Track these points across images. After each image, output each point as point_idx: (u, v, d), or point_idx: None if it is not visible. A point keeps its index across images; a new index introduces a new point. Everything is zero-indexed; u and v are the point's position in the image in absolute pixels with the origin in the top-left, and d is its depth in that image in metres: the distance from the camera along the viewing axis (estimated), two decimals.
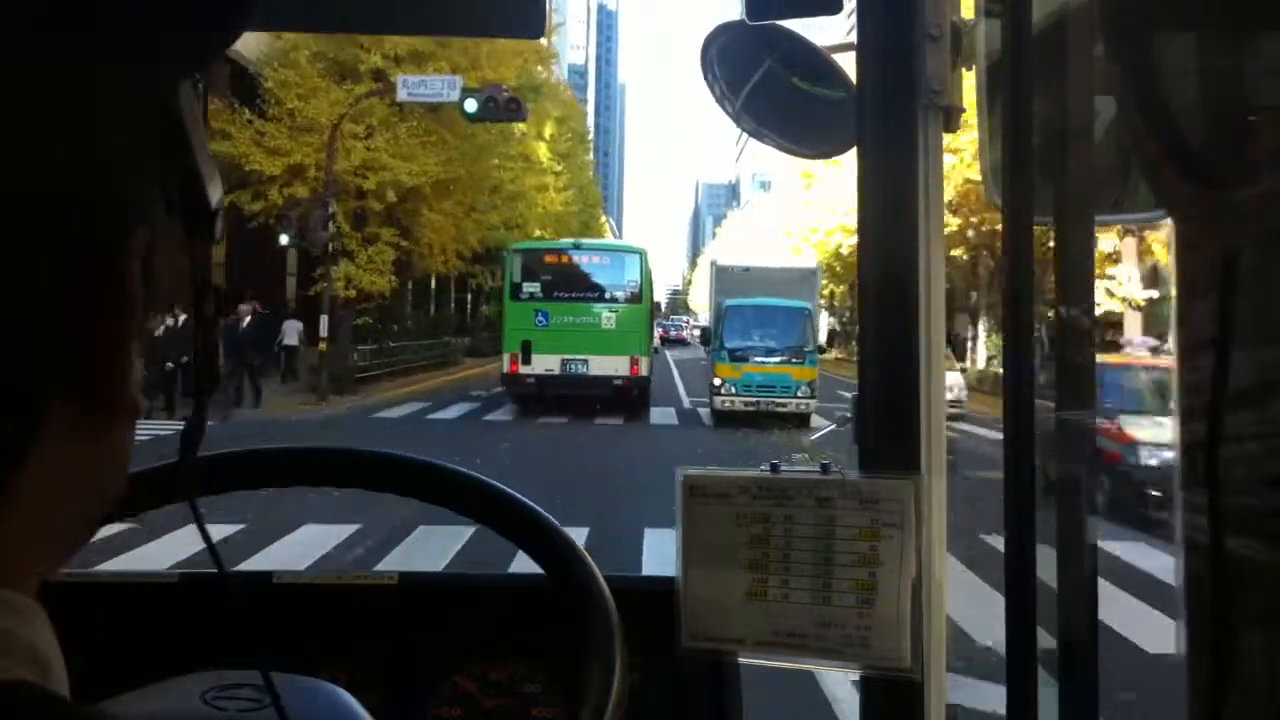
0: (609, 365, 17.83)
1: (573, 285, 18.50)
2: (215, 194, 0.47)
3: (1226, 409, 0.51)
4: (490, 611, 1.06)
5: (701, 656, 0.97)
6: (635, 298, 18.57)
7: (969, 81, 0.95)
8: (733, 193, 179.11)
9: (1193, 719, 0.55)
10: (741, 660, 0.98)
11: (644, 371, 18.21)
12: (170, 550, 6.29)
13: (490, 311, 37.11)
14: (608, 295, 18.50)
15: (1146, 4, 0.47)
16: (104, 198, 0.37)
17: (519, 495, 0.79)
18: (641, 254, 19.53)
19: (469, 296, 40.20)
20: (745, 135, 1.22)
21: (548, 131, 39.40)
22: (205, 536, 0.65)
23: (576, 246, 19.87)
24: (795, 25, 1.05)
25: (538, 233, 35.27)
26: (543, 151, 38.04)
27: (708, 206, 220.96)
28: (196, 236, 0.46)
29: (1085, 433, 1.00)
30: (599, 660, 0.67)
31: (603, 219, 63.11)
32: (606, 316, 18.29)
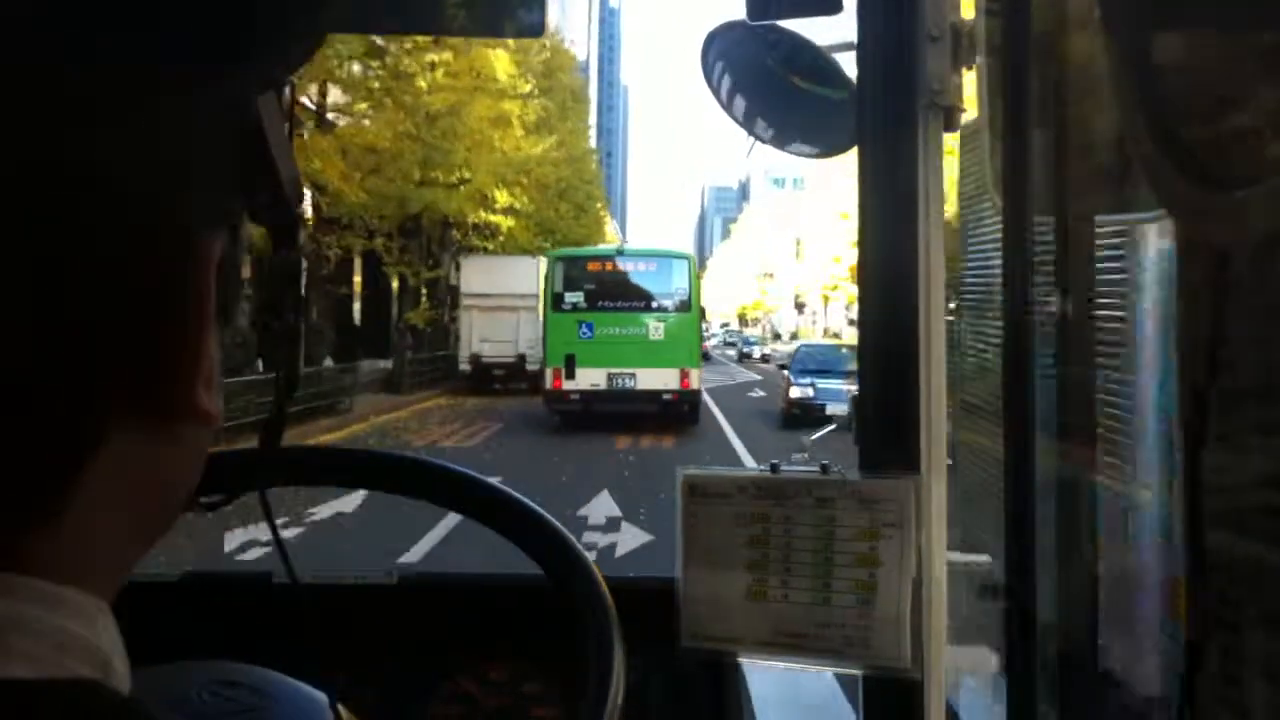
0: (658, 379, 16.61)
1: (618, 294, 17.29)
2: (297, 203, 0.47)
3: (1226, 409, 0.51)
4: (490, 611, 1.06)
5: (701, 656, 0.97)
6: (684, 306, 17.28)
7: (969, 81, 0.95)
8: (743, 192, 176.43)
9: (1194, 718, 0.55)
10: (741, 660, 0.98)
11: (695, 385, 16.95)
12: None
13: (419, 318, 24.83)
14: (655, 304, 17.27)
15: (1146, 4, 0.47)
16: (172, 203, 0.37)
17: (519, 495, 0.79)
18: (690, 259, 18.45)
19: (402, 293, 25.61)
20: None
21: None
22: (273, 528, 0.65)
23: (620, 253, 18.73)
24: (795, 25, 1.05)
25: (499, 194, 23.69)
26: (501, 64, 22.34)
27: (715, 209, 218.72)
28: (278, 245, 0.47)
29: (1085, 435, 1.00)
30: (598, 660, 0.67)
31: (601, 206, 48.24)
32: (654, 327, 17.09)
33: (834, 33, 1.03)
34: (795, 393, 17.97)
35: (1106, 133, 0.84)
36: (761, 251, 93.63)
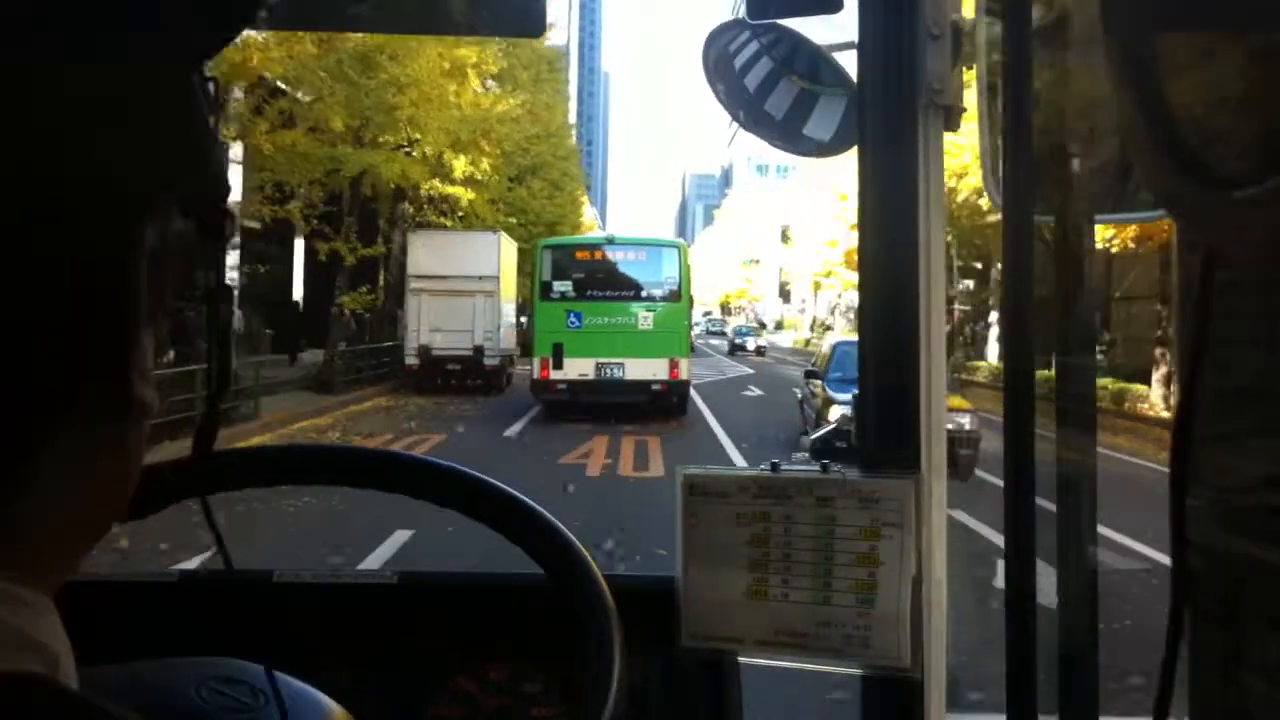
0: (647, 369, 16.29)
1: (607, 283, 17.02)
2: (225, 192, 0.47)
3: (1226, 409, 0.51)
4: (490, 611, 1.06)
5: (701, 656, 0.97)
6: (674, 295, 16.98)
7: (969, 81, 0.95)
8: (726, 179, 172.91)
9: (1194, 718, 0.55)
10: (741, 660, 0.98)
11: (684, 375, 16.62)
12: None
13: (357, 303, 20.42)
14: (645, 293, 16.98)
15: (1146, 4, 0.47)
16: (108, 197, 0.37)
17: (519, 495, 0.79)
18: (681, 248, 18.12)
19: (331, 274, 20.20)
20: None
21: None
22: (216, 533, 0.65)
23: (610, 241, 18.13)
24: (795, 24, 1.05)
25: (456, 160, 19.70)
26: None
27: (696, 196, 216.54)
28: (208, 235, 0.47)
29: (1086, 433, 1.00)
30: (598, 660, 0.67)
31: (578, 187, 40.54)
32: (643, 316, 16.77)
33: (834, 32, 1.03)
34: (837, 413, 11.29)
35: (1106, 133, 0.84)
36: (745, 239, 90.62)
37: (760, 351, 44.15)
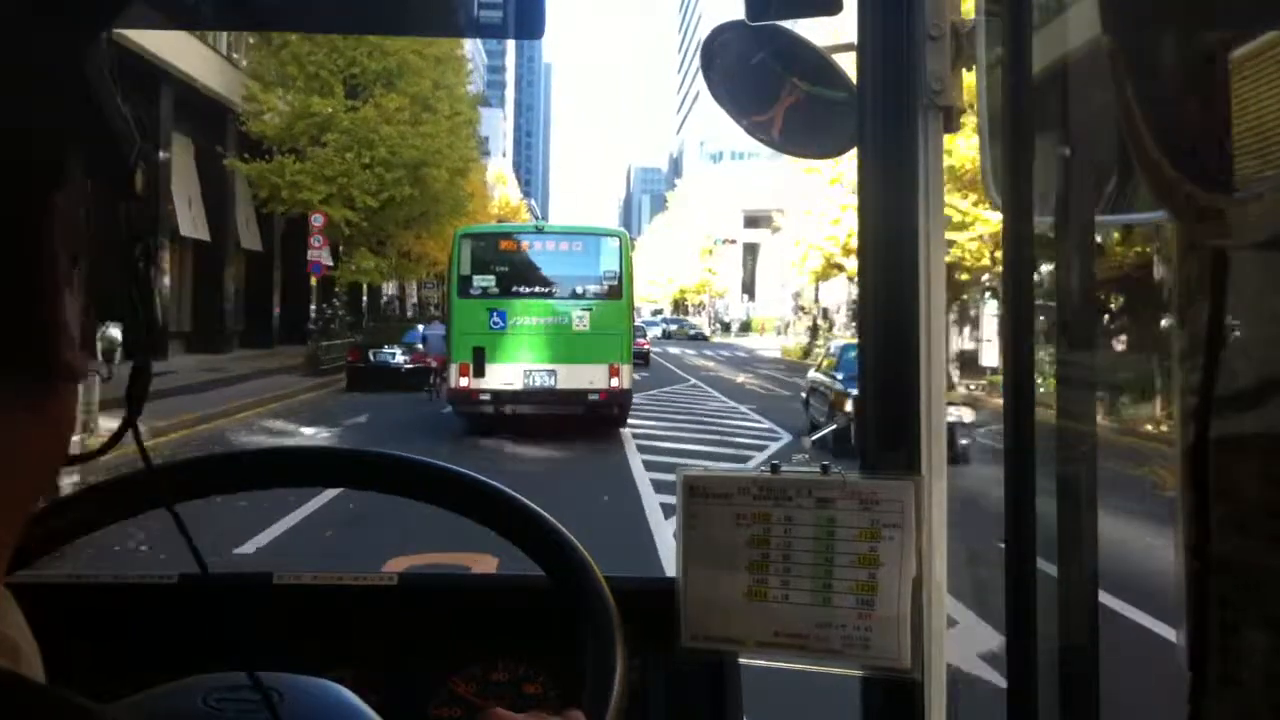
0: (583, 376, 14.29)
1: (536, 278, 14.85)
2: (130, 150, 0.47)
3: (1226, 410, 0.51)
4: (490, 611, 1.06)
5: (701, 656, 0.97)
6: (614, 292, 14.72)
7: (969, 81, 0.95)
8: (675, 169, 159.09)
9: (1195, 719, 0.55)
10: (741, 660, 0.98)
11: (625, 384, 14.61)
12: None
13: None
14: (580, 290, 14.74)
15: (1147, 4, 0.47)
16: (14, 164, 0.37)
17: (519, 495, 0.79)
18: (622, 238, 15.68)
19: None
20: (688, 101, 1.22)
21: None
22: (188, 540, 0.65)
23: (540, 230, 15.98)
24: (795, 25, 1.05)
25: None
26: None
27: (641, 189, 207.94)
28: (117, 193, 0.47)
29: (1085, 432, 1.00)
30: (599, 660, 0.67)
31: (473, 119, 30.23)
32: (579, 316, 14.57)
33: (834, 33, 1.03)
34: None
35: (1106, 133, 0.84)
36: (703, 226, 76.93)
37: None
